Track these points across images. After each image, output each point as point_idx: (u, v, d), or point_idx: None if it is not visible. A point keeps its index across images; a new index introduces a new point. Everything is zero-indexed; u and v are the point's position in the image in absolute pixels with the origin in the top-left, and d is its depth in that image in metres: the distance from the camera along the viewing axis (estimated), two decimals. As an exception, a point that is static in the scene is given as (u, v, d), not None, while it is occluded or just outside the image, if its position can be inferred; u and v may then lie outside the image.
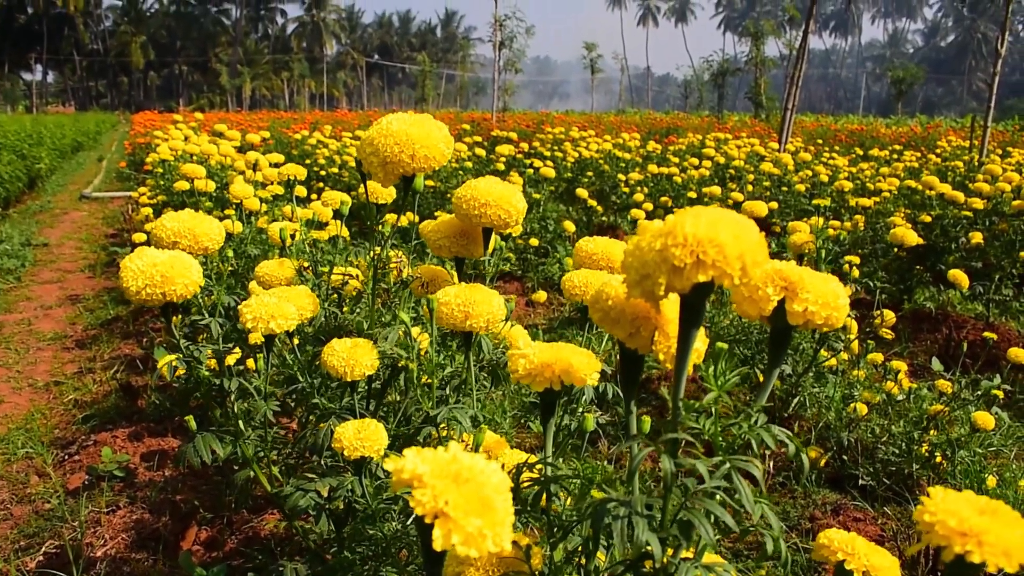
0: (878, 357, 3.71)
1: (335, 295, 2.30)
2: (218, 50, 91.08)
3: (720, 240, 0.78)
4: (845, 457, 3.71)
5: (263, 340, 1.92)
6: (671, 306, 1.05)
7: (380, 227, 1.93)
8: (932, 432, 3.56)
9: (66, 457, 3.89)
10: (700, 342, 1.07)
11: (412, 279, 1.89)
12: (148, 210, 5.73)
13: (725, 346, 1.02)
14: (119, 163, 17.40)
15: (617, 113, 52.27)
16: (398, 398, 2.12)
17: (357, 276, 2.28)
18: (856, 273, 4.30)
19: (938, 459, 3.57)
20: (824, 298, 0.96)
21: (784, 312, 0.97)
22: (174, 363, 1.94)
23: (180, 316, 2.46)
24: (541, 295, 6.31)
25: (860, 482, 3.65)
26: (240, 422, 2.05)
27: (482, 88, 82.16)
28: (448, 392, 1.81)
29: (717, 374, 0.99)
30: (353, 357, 1.74)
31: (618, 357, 1.13)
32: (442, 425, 1.84)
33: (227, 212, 4.30)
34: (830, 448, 3.79)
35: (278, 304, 1.80)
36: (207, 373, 1.95)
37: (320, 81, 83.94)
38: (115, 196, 14.05)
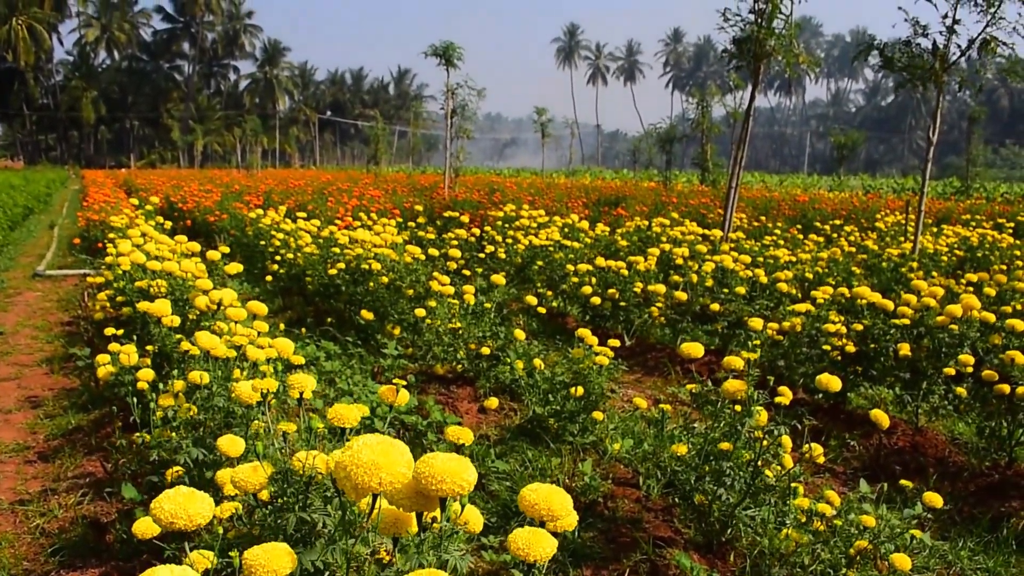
0: (804, 503, 3.98)
1: (306, 492, 2.53)
2: (170, 105, 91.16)
3: None
4: (777, 593, 3.96)
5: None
6: None
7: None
8: (855, 567, 3.82)
9: (35, 600, 4.01)
10: None
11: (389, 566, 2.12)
12: (112, 329, 5.86)
13: None
14: (72, 237, 17.43)
15: (568, 174, 53.16)
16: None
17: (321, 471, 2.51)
18: (788, 399, 4.58)
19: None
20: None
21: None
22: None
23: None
24: (493, 401, 6.54)
25: (791, 617, 3.90)
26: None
27: (434, 144, 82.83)
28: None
29: None
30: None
31: None
32: None
33: (192, 351, 4.47)
34: (764, 580, 4.04)
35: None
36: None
37: (273, 137, 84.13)
38: (69, 274, 14.09)
